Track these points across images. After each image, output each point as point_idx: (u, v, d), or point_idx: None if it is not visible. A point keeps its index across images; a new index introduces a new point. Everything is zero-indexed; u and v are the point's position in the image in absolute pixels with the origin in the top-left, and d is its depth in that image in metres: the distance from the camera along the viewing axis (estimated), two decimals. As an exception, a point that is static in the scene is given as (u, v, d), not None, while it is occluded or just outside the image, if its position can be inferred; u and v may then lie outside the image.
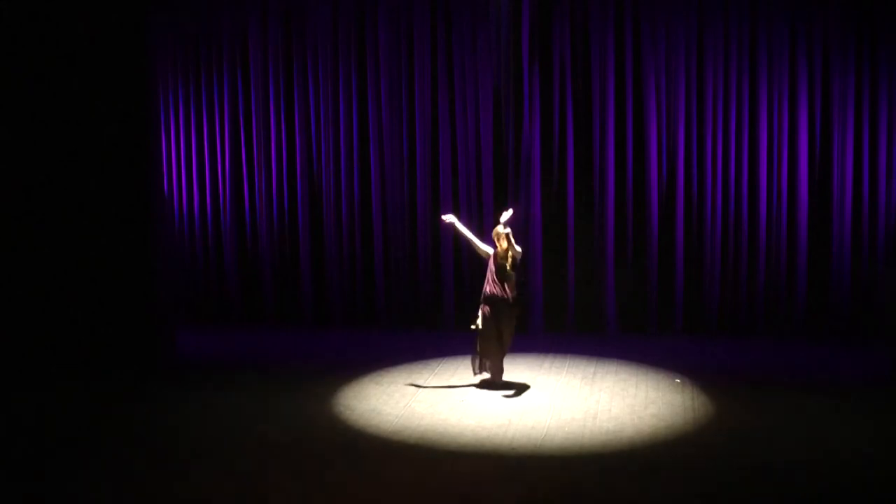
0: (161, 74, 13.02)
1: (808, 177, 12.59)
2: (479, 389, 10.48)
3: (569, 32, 12.89)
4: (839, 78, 12.36)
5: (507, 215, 10.30)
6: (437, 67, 13.23)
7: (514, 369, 10.99)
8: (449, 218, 10.70)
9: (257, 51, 13.57)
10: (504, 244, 10.17)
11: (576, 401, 10.14)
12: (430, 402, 10.13)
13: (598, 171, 13.01)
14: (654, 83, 12.78)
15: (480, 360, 10.48)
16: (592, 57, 12.89)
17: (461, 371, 11.22)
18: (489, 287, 10.28)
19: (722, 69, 12.67)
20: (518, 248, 10.25)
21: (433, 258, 13.50)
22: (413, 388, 10.60)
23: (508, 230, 10.19)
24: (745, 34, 12.55)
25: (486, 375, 10.55)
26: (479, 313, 10.36)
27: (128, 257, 11.65)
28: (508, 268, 10.21)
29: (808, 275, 12.69)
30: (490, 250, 10.33)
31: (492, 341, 10.35)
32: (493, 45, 13.07)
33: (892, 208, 12.37)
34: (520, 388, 10.47)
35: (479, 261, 11.86)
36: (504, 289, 10.23)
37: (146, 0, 11.58)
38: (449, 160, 13.33)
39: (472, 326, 10.44)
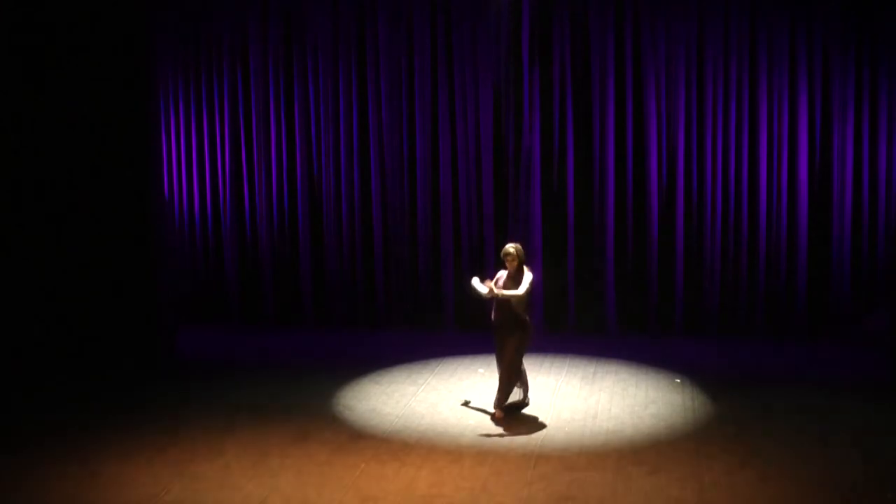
0: (161, 74, 13.00)
1: (808, 177, 12.57)
2: (478, 391, 10.49)
3: (569, 32, 12.88)
4: (839, 78, 12.36)
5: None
6: (437, 67, 13.22)
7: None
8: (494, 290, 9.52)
9: (257, 51, 13.55)
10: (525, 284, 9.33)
11: (576, 401, 10.15)
12: (430, 402, 10.14)
13: (598, 171, 13.00)
14: (654, 83, 12.77)
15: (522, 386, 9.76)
16: (592, 57, 12.87)
17: (461, 371, 11.22)
18: (494, 313, 9.55)
19: (722, 69, 12.66)
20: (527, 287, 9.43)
21: (433, 258, 13.50)
22: (413, 388, 10.60)
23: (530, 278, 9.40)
24: (745, 34, 12.54)
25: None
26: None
27: (128, 257, 11.66)
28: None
29: (808, 275, 12.68)
30: (522, 289, 9.34)
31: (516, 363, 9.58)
32: (493, 45, 13.06)
33: (892, 208, 12.36)
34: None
35: (479, 261, 11.92)
36: (511, 309, 9.40)
37: (146, 0, 11.59)
38: (449, 160, 13.31)
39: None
